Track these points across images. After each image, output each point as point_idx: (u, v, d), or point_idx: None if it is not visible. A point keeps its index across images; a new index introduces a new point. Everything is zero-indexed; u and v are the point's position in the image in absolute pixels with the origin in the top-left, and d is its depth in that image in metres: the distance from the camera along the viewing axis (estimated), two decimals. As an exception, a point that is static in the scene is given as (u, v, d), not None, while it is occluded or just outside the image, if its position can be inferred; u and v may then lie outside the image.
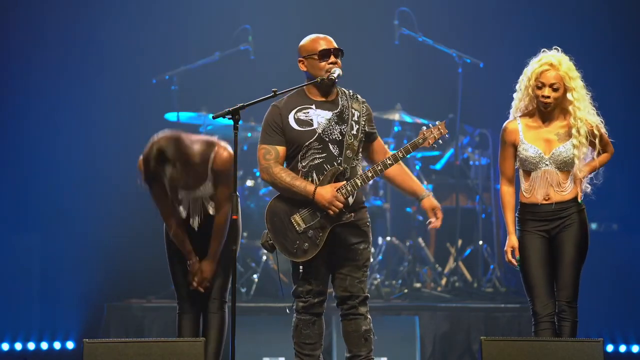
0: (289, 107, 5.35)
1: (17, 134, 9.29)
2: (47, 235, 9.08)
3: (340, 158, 5.30)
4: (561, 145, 5.37)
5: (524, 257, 5.42)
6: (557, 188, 5.39)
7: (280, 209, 5.33)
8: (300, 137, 5.30)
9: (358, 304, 5.38)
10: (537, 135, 5.41)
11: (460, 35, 9.86)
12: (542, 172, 5.39)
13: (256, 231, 9.32)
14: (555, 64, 5.35)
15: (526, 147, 5.40)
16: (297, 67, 5.41)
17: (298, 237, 5.29)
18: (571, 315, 5.35)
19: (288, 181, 5.27)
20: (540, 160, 5.38)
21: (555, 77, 5.34)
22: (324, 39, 5.37)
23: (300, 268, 5.31)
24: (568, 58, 5.43)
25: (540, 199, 5.39)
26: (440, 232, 9.76)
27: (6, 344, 8.75)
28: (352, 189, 5.25)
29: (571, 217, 5.40)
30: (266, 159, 5.32)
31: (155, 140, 5.43)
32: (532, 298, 5.39)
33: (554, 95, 5.34)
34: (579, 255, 5.41)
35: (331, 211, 5.23)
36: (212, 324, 5.56)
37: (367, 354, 5.39)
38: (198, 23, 10.04)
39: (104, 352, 4.84)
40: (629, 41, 9.62)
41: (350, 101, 5.38)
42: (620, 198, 9.42)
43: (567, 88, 5.35)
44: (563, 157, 5.36)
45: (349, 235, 5.34)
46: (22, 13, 9.43)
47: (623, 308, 8.80)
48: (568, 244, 5.38)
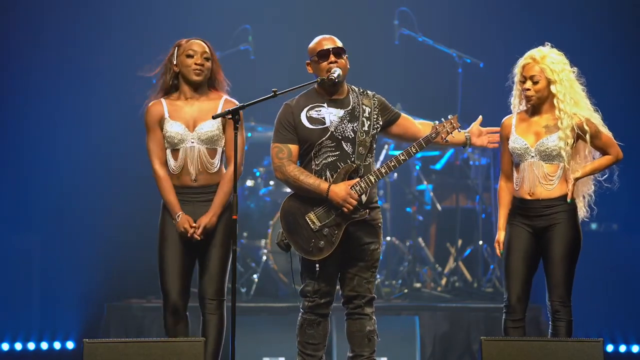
0: (301, 105, 5.36)
1: (17, 133, 9.29)
2: (47, 235, 9.08)
3: (353, 155, 5.30)
4: (547, 137, 5.39)
5: (508, 248, 5.43)
6: (544, 181, 5.38)
7: (295, 207, 5.33)
8: (313, 135, 5.30)
9: (364, 304, 5.38)
10: (527, 128, 5.44)
11: (460, 35, 9.86)
12: (528, 164, 5.40)
13: (256, 231, 9.32)
14: (537, 58, 5.40)
15: (514, 138, 5.43)
16: (297, 67, 5.43)
17: (313, 235, 5.28)
18: (566, 315, 5.35)
19: (302, 179, 5.27)
20: (526, 152, 5.40)
21: (536, 70, 5.38)
22: (326, 39, 5.36)
23: (317, 266, 5.30)
24: (556, 52, 5.46)
25: (525, 194, 5.40)
26: (440, 232, 9.77)
27: (6, 344, 8.75)
28: (365, 185, 5.26)
29: (558, 216, 5.37)
30: (279, 158, 5.32)
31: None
32: (508, 288, 5.40)
33: (535, 88, 5.37)
34: (568, 254, 5.37)
35: (345, 208, 5.23)
36: (211, 324, 5.51)
37: (370, 354, 5.39)
38: (198, 23, 10.03)
39: (104, 352, 4.83)
40: (629, 41, 9.62)
41: (360, 98, 5.39)
42: (620, 198, 9.42)
43: (550, 81, 5.37)
44: (548, 148, 5.37)
45: (361, 235, 5.35)
46: (22, 13, 9.44)
47: (623, 308, 8.81)
48: (556, 242, 5.36)
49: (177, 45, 5.51)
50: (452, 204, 9.64)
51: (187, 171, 5.42)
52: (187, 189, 5.43)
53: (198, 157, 5.42)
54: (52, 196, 9.20)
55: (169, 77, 5.49)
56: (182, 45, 5.50)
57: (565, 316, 5.35)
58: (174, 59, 5.47)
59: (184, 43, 5.50)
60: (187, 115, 5.44)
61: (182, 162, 5.42)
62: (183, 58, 5.45)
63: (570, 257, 5.37)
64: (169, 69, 5.50)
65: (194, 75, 5.44)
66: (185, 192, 5.43)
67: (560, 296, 5.34)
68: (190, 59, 5.44)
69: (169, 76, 5.49)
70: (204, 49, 5.47)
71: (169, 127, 5.42)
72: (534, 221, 5.40)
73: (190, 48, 5.46)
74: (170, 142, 5.43)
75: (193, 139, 5.41)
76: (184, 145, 5.41)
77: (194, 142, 5.42)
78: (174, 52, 5.50)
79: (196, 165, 5.42)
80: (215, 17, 10.09)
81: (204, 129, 5.42)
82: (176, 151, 5.42)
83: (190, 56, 5.45)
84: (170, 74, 5.49)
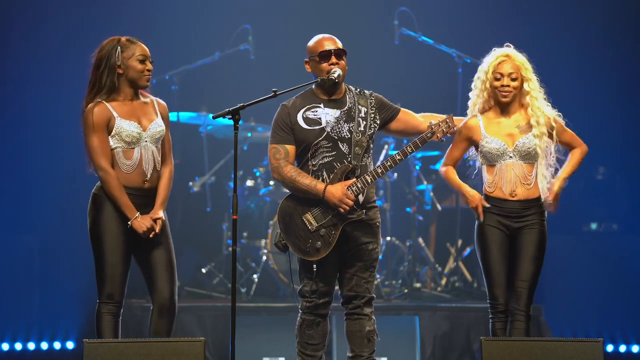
0: (297, 106, 5.37)
1: (17, 133, 9.28)
2: (47, 235, 9.08)
3: (349, 156, 5.31)
4: (524, 137, 5.42)
5: (485, 250, 5.45)
6: (524, 181, 5.41)
7: (292, 208, 5.34)
8: (309, 135, 5.31)
9: (363, 304, 5.39)
10: (498, 129, 5.47)
11: (460, 35, 9.86)
12: (506, 165, 5.42)
13: (256, 231, 9.32)
14: (512, 55, 5.46)
15: (489, 140, 5.45)
16: (297, 67, 5.43)
17: (310, 235, 5.29)
18: (525, 322, 5.39)
19: (298, 180, 5.28)
20: (504, 153, 5.42)
21: (513, 67, 5.43)
22: (328, 39, 5.37)
23: (314, 267, 5.31)
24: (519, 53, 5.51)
25: (506, 194, 5.41)
26: (440, 232, 9.77)
27: (6, 344, 8.75)
28: (362, 186, 5.26)
29: (533, 218, 5.42)
30: (276, 159, 5.33)
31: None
32: (493, 290, 5.42)
33: (513, 85, 5.42)
34: (540, 255, 5.42)
35: (342, 209, 5.23)
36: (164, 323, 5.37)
37: (370, 355, 5.40)
38: (198, 23, 10.05)
39: (104, 352, 4.83)
40: (628, 41, 9.62)
41: (357, 98, 5.39)
42: (620, 198, 9.43)
43: (524, 78, 5.43)
44: (526, 148, 5.40)
45: (359, 235, 5.35)
46: (23, 13, 9.43)
47: (623, 308, 8.81)
48: (529, 244, 5.40)
49: (117, 44, 5.32)
50: (452, 204, 9.64)
51: (140, 171, 5.34)
52: (137, 190, 5.35)
53: (152, 156, 5.37)
54: (52, 196, 9.19)
55: (114, 77, 5.32)
56: (125, 45, 5.33)
57: (524, 323, 5.37)
58: (117, 59, 5.31)
59: (128, 44, 5.33)
60: (136, 115, 5.36)
61: (136, 162, 5.34)
62: (134, 62, 5.31)
63: (541, 258, 5.43)
64: (112, 69, 5.32)
65: (145, 81, 5.36)
66: (135, 193, 5.34)
67: (524, 306, 5.38)
68: (142, 65, 5.33)
69: (113, 77, 5.32)
70: (148, 53, 5.37)
71: (126, 126, 5.31)
72: (511, 222, 5.43)
73: (141, 52, 5.33)
74: (126, 142, 5.32)
75: (147, 138, 5.36)
76: (139, 144, 5.35)
77: (147, 141, 5.36)
78: (115, 50, 5.31)
79: (150, 165, 5.36)
80: (215, 17, 10.09)
81: (156, 128, 5.38)
82: (130, 150, 5.33)
83: (141, 61, 5.33)
84: (114, 75, 5.32)
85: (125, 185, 5.33)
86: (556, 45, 9.38)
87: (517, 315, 5.39)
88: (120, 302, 5.35)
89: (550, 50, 9.28)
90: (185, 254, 9.37)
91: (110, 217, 5.34)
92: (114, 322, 5.34)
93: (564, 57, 9.24)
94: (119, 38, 5.37)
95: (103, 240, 5.33)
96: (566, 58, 9.28)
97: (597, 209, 9.44)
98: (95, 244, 5.37)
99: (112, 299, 5.33)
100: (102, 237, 5.34)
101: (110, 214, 5.33)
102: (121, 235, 5.33)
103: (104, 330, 5.32)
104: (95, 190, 5.41)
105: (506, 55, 5.46)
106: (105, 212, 5.35)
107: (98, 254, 5.36)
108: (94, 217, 5.38)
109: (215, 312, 8.37)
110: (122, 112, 5.33)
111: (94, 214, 5.38)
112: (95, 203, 5.38)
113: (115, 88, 5.34)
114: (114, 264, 5.32)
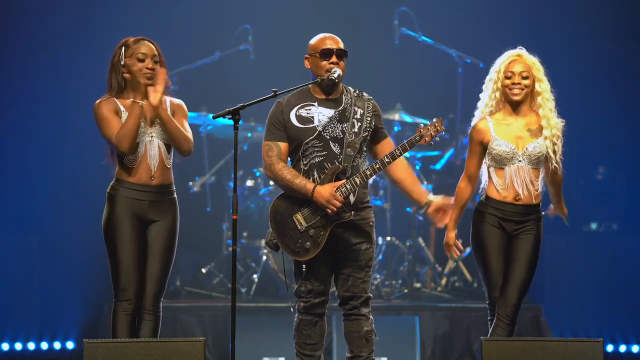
0: (291, 104, 5.36)
1: (17, 133, 9.29)
2: (47, 235, 9.08)
3: (340, 157, 5.30)
4: (534, 142, 5.40)
5: (484, 248, 5.46)
6: (531, 186, 5.40)
7: (283, 207, 5.33)
8: (301, 134, 5.30)
9: (360, 305, 5.37)
10: (508, 131, 5.44)
11: (460, 35, 9.86)
12: (515, 169, 5.41)
13: (256, 231, 9.32)
14: (523, 55, 5.46)
15: (499, 142, 5.42)
16: (297, 66, 5.42)
17: (300, 236, 5.29)
18: (509, 327, 5.39)
19: (289, 179, 5.27)
20: (513, 156, 5.40)
21: (524, 66, 5.42)
22: (330, 38, 5.36)
23: (303, 267, 5.30)
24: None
25: (511, 198, 5.41)
26: (440, 232, 9.74)
27: (6, 344, 8.75)
28: (351, 187, 5.24)
29: (531, 224, 5.42)
30: (269, 156, 5.33)
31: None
32: (492, 290, 5.43)
33: (524, 83, 5.41)
34: (534, 260, 5.43)
35: (329, 210, 5.22)
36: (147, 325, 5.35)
37: (368, 355, 5.39)
38: (198, 23, 10.04)
39: (104, 352, 4.83)
40: (630, 41, 9.62)
41: (354, 99, 5.37)
42: (620, 198, 9.43)
43: (536, 78, 5.42)
44: (536, 153, 5.39)
45: (350, 236, 5.34)
46: (23, 13, 9.44)
47: (623, 308, 8.81)
48: (522, 252, 5.41)
49: (124, 45, 5.35)
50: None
51: (145, 167, 5.30)
52: (144, 186, 5.31)
53: (158, 152, 5.33)
54: (53, 196, 9.19)
55: (119, 77, 5.32)
56: (130, 45, 5.33)
57: (505, 330, 5.37)
58: (122, 59, 5.32)
59: (132, 44, 5.34)
60: (144, 112, 5.32)
61: (139, 156, 5.30)
62: (133, 61, 5.30)
63: (534, 264, 5.43)
64: (117, 70, 5.34)
65: (145, 79, 5.31)
66: (142, 190, 5.31)
67: (511, 313, 5.38)
68: (141, 63, 5.30)
69: (118, 77, 5.32)
70: (153, 52, 5.33)
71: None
72: (510, 224, 5.42)
73: (140, 51, 5.31)
74: None
75: (152, 133, 5.33)
76: (143, 139, 5.30)
77: (153, 136, 5.34)
78: (120, 51, 5.33)
79: (156, 160, 5.32)
80: (215, 17, 10.09)
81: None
82: (134, 145, 5.28)
83: (140, 60, 5.30)
84: (119, 75, 5.33)
85: (131, 181, 5.30)
86: (556, 45, 9.38)
87: (500, 321, 5.37)
88: (136, 301, 5.31)
89: (550, 50, 9.28)
90: (185, 254, 9.36)
91: (125, 218, 5.31)
92: (129, 321, 5.31)
93: (564, 56, 9.23)
94: (127, 39, 5.38)
95: (117, 240, 5.31)
96: (566, 58, 9.28)
97: (597, 209, 9.44)
98: (109, 243, 5.34)
99: (127, 297, 5.30)
100: (116, 237, 5.31)
101: (125, 215, 5.31)
102: (135, 235, 5.31)
103: (118, 330, 5.30)
104: (110, 190, 5.37)
105: (518, 55, 5.45)
106: (119, 213, 5.31)
107: (112, 254, 5.33)
108: (108, 217, 5.34)
109: (215, 312, 8.37)
110: (129, 108, 5.32)
111: (108, 214, 5.34)
112: (110, 203, 5.34)
113: (122, 88, 5.34)
114: (129, 263, 5.30)
